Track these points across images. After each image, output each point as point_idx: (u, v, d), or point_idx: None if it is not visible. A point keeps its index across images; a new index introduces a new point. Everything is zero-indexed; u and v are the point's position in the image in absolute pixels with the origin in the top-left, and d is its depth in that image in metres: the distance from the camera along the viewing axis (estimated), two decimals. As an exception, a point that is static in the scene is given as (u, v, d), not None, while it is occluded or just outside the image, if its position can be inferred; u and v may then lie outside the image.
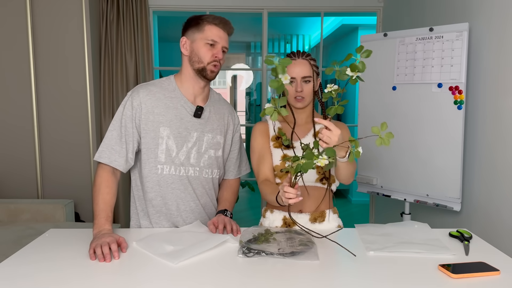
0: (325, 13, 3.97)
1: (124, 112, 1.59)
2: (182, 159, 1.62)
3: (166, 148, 1.60)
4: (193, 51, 1.60)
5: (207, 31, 1.57)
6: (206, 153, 1.67)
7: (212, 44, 1.58)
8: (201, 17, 1.60)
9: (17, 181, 3.43)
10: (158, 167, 1.61)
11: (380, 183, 2.77)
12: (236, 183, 1.85)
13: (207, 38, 1.57)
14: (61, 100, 3.42)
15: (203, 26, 1.58)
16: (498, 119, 2.13)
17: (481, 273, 1.19)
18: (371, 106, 2.78)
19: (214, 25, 1.58)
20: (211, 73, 1.60)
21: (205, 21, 1.58)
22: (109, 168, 1.58)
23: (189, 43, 1.60)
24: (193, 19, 1.61)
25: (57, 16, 3.36)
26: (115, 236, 1.38)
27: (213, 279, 1.16)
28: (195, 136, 1.63)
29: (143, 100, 1.58)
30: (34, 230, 2.81)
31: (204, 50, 1.58)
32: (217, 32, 1.58)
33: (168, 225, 1.66)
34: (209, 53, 1.58)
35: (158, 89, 1.62)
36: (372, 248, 1.38)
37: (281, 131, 1.68)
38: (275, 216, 1.68)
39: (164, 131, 1.59)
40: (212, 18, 1.59)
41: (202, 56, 1.58)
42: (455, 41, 2.32)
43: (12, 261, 1.27)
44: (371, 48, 2.77)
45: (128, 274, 1.20)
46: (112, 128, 1.60)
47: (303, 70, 1.61)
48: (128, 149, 1.59)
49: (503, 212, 2.08)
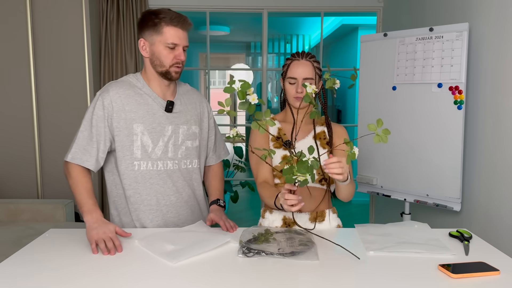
0: (325, 13, 3.97)
1: (95, 112, 1.57)
2: (159, 154, 1.62)
3: (142, 144, 1.60)
4: (153, 54, 1.57)
5: (166, 34, 1.53)
6: (183, 145, 1.67)
7: (172, 47, 1.55)
8: (158, 16, 1.54)
9: (17, 181, 3.43)
10: (134, 164, 1.60)
11: (380, 183, 2.77)
12: (220, 169, 1.87)
13: (167, 42, 1.54)
14: (61, 100, 3.42)
15: (161, 28, 1.53)
16: (498, 119, 2.13)
17: (481, 273, 1.19)
18: (371, 106, 2.78)
19: (173, 26, 1.53)
20: (175, 74, 1.59)
21: (163, 22, 1.53)
22: (81, 167, 1.59)
23: (148, 46, 1.57)
24: (149, 19, 1.55)
25: (57, 16, 3.36)
26: (111, 227, 1.42)
27: (213, 279, 1.16)
28: (170, 129, 1.64)
29: (113, 98, 1.57)
30: (34, 230, 2.81)
31: (165, 53, 1.55)
32: (176, 33, 1.54)
33: (149, 221, 1.65)
34: (170, 56, 1.56)
35: (127, 86, 1.61)
36: (372, 248, 1.38)
37: (282, 131, 1.69)
38: (275, 217, 1.68)
39: (137, 128, 1.59)
40: (169, 18, 1.53)
41: (163, 60, 1.56)
42: (455, 41, 2.32)
43: (12, 261, 1.27)
44: (371, 48, 2.78)
45: (127, 273, 1.20)
46: (83, 129, 1.58)
47: (305, 71, 1.61)
48: (99, 148, 1.58)
49: (503, 212, 2.08)
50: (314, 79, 1.63)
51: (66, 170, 1.60)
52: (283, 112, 1.77)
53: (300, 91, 1.61)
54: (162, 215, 1.66)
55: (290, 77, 1.63)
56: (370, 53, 2.78)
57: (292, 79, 1.63)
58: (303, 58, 1.63)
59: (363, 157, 2.84)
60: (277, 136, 1.69)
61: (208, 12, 3.84)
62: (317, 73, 1.65)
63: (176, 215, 1.69)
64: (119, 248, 1.35)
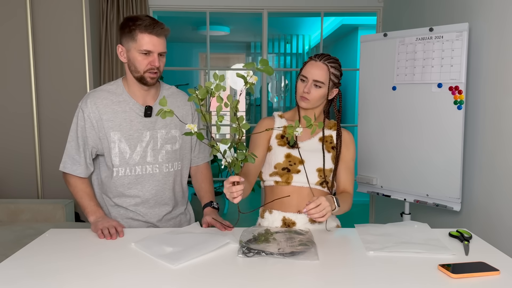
0: (325, 13, 3.97)
1: (78, 123, 1.65)
2: (137, 159, 1.66)
3: (119, 151, 1.64)
4: (129, 60, 1.60)
5: (140, 40, 1.55)
6: (163, 149, 1.70)
7: (146, 53, 1.56)
8: (135, 23, 1.56)
9: (17, 181, 3.43)
10: (113, 170, 1.66)
11: (380, 183, 2.77)
12: (208, 170, 1.89)
13: (141, 48, 1.56)
14: (61, 100, 3.42)
15: (136, 35, 1.55)
16: (498, 119, 2.13)
17: (481, 273, 1.19)
18: (371, 106, 2.78)
19: (147, 33, 1.55)
20: (150, 79, 1.61)
21: (137, 29, 1.55)
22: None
23: (125, 52, 1.60)
24: (125, 25, 1.58)
25: (57, 16, 3.36)
26: (113, 221, 1.56)
27: (213, 279, 1.16)
28: (148, 134, 1.67)
29: (91, 110, 1.63)
30: (34, 230, 2.81)
31: (139, 59, 1.57)
32: (150, 40, 1.55)
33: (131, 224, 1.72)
34: (144, 62, 1.57)
35: (105, 95, 1.65)
36: (372, 248, 1.38)
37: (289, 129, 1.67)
38: (275, 217, 1.67)
39: (115, 136, 1.63)
40: (144, 25, 1.55)
41: (137, 65, 1.58)
42: (455, 41, 2.32)
43: (12, 261, 1.27)
44: (371, 48, 2.77)
45: (128, 274, 1.20)
46: (70, 139, 1.68)
47: (316, 73, 1.58)
48: (86, 156, 1.67)
49: (503, 212, 2.08)
50: (325, 84, 1.60)
51: (64, 179, 1.73)
52: (292, 111, 1.74)
53: (306, 91, 1.59)
54: (142, 217, 1.72)
55: (302, 75, 1.62)
56: (370, 53, 2.78)
57: (303, 77, 1.61)
58: (321, 61, 1.60)
59: (363, 157, 2.84)
60: (282, 134, 1.68)
61: (208, 12, 3.84)
62: (331, 79, 1.60)
63: (155, 216, 1.73)
64: (121, 233, 1.50)
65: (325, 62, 1.60)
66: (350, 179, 1.70)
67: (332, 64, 1.61)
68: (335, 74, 1.62)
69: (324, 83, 1.59)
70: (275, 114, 1.73)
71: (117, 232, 1.50)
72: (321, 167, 1.63)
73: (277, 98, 8.29)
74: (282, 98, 8.18)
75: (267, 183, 1.69)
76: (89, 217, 1.62)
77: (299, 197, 1.64)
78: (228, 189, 1.36)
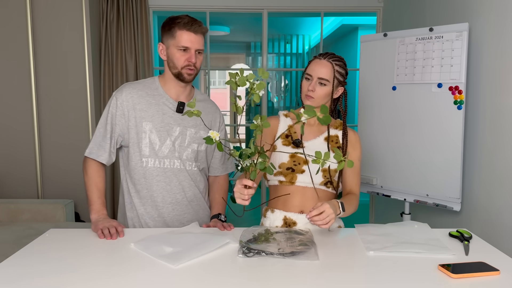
0: (325, 13, 3.97)
1: (110, 111, 1.70)
2: (166, 152, 1.70)
3: (149, 142, 1.68)
4: (169, 57, 1.67)
5: (178, 37, 1.63)
6: (189, 147, 1.73)
7: (184, 49, 1.63)
8: (174, 21, 1.64)
9: (17, 181, 3.43)
10: (143, 160, 1.70)
11: (380, 183, 2.77)
12: (225, 182, 1.91)
13: (179, 45, 1.63)
14: (61, 100, 3.42)
15: (175, 32, 1.63)
16: (498, 119, 2.13)
17: (481, 273, 1.19)
18: (371, 106, 2.78)
19: (185, 30, 1.62)
20: (187, 76, 1.67)
21: (176, 26, 1.63)
22: (97, 164, 1.72)
23: (165, 49, 1.68)
24: (166, 24, 1.66)
25: (57, 16, 3.36)
26: (113, 222, 1.56)
27: (213, 279, 1.16)
28: (178, 130, 1.71)
29: (125, 98, 1.68)
30: (34, 230, 2.81)
31: (177, 56, 1.64)
32: (188, 37, 1.62)
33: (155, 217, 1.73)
34: (182, 58, 1.64)
35: (141, 87, 1.72)
36: (372, 248, 1.38)
37: (293, 129, 1.68)
38: (276, 216, 1.67)
39: (146, 126, 1.68)
40: (183, 23, 1.62)
41: (176, 62, 1.65)
42: (455, 41, 2.32)
43: (12, 261, 1.27)
44: (371, 48, 2.78)
45: (127, 275, 1.20)
46: (100, 126, 1.72)
47: (321, 71, 1.59)
48: (112, 144, 1.71)
49: (503, 212, 2.08)
50: (330, 81, 1.59)
51: (83, 166, 1.74)
52: (298, 110, 1.73)
53: (311, 89, 1.58)
54: (167, 212, 1.74)
55: (306, 73, 1.62)
56: (370, 53, 2.78)
57: (308, 76, 1.61)
58: (326, 59, 1.60)
59: (363, 157, 2.84)
60: (286, 134, 1.67)
61: (208, 12, 3.84)
62: (336, 77, 1.60)
63: (181, 213, 1.75)
64: (121, 233, 1.51)
65: (329, 60, 1.60)
66: (356, 180, 1.70)
67: (337, 62, 1.61)
68: (340, 72, 1.62)
69: (329, 80, 1.59)
70: (281, 113, 1.74)
71: (117, 232, 1.51)
72: (326, 167, 1.63)
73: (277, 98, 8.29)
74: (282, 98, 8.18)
75: (271, 182, 1.69)
76: (91, 215, 1.64)
77: (303, 197, 1.64)
78: (240, 190, 1.36)
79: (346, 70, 1.65)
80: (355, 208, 1.64)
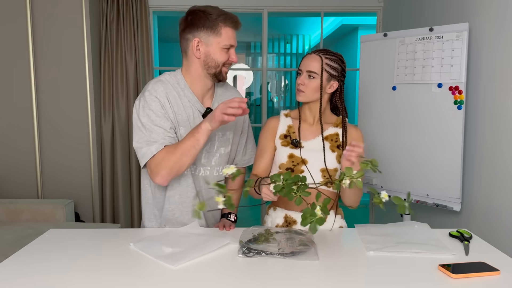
0: (325, 13, 3.97)
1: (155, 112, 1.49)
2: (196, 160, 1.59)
3: None
4: (209, 55, 1.52)
5: (224, 35, 1.50)
6: (218, 152, 1.65)
7: (228, 48, 1.53)
8: (212, 16, 1.50)
9: (17, 181, 3.43)
10: None
11: (380, 183, 2.77)
12: (242, 180, 1.80)
13: (225, 43, 1.51)
14: (61, 100, 3.42)
15: (219, 29, 1.50)
16: (498, 119, 2.13)
17: (481, 273, 1.19)
18: (371, 106, 2.78)
19: (230, 28, 1.52)
20: (226, 74, 1.57)
21: (220, 23, 1.50)
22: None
23: (204, 46, 1.52)
24: (203, 18, 1.50)
25: (57, 16, 3.35)
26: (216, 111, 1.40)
27: (213, 279, 1.16)
28: None
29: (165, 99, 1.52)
30: (34, 230, 2.81)
31: (221, 53, 1.52)
32: (233, 34, 1.53)
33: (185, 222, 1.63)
34: (225, 57, 1.53)
35: (171, 87, 1.55)
36: (372, 248, 1.38)
37: (292, 128, 1.68)
38: (277, 214, 1.69)
39: (182, 130, 1.55)
40: (224, 19, 1.51)
41: (218, 60, 1.52)
42: (455, 41, 2.32)
43: (12, 261, 1.27)
44: (371, 48, 2.78)
45: (127, 275, 1.19)
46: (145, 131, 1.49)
47: (310, 64, 1.60)
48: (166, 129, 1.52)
49: (503, 212, 2.08)
50: (318, 74, 1.59)
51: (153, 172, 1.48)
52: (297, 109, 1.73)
53: (300, 83, 1.60)
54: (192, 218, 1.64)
55: (298, 69, 1.65)
56: (370, 53, 2.78)
57: (299, 71, 1.64)
58: (315, 53, 1.62)
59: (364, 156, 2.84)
60: (285, 134, 1.67)
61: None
62: (326, 69, 1.60)
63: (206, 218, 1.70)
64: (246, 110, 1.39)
65: (319, 54, 1.61)
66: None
67: (328, 55, 1.61)
68: (331, 65, 1.61)
69: (317, 73, 1.59)
70: (282, 113, 1.74)
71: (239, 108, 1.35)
72: (324, 167, 1.62)
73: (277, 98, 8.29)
74: (282, 98, 8.19)
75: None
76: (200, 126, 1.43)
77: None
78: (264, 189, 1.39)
79: (342, 65, 1.63)
80: (360, 197, 1.64)
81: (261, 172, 1.68)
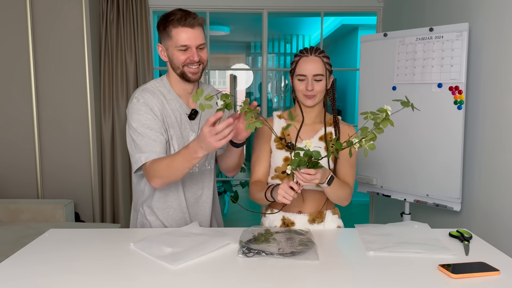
0: (325, 13, 3.97)
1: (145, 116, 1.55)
2: None
3: (173, 150, 1.62)
4: (171, 59, 1.57)
5: (175, 37, 1.51)
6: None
7: (184, 49, 1.52)
8: (167, 19, 1.52)
9: (17, 181, 3.43)
10: None
11: (380, 183, 2.77)
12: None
13: (177, 44, 1.52)
14: (61, 100, 3.42)
15: (170, 32, 1.52)
16: (498, 119, 2.13)
17: (481, 273, 1.19)
18: (371, 106, 2.78)
19: (181, 27, 1.50)
20: (192, 75, 1.56)
21: (171, 25, 1.51)
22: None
23: (165, 51, 1.58)
24: (160, 23, 1.55)
25: (57, 16, 3.35)
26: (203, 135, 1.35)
27: (213, 279, 1.16)
28: (193, 136, 1.65)
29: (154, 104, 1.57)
30: (34, 230, 2.81)
31: (177, 55, 1.53)
32: (185, 34, 1.51)
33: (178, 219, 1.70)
34: (183, 57, 1.53)
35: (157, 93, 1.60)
36: (372, 248, 1.38)
37: (287, 131, 1.66)
38: (275, 216, 1.67)
39: (171, 132, 1.61)
40: (176, 20, 1.50)
41: (176, 62, 1.55)
42: (455, 41, 2.32)
43: (12, 261, 1.27)
44: (371, 48, 2.78)
45: (127, 275, 1.20)
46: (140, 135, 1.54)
47: (315, 68, 1.57)
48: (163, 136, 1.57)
49: (503, 212, 2.08)
50: (324, 75, 1.58)
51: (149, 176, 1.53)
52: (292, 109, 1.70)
53: (310, 89, 1.56)
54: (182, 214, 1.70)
55: (299, 74, 1.58)
56: (370, 53, 2.78)
57: (302, 76, 1.58)
58: (312, 54, 1.59)
59: (363, 157, 2.84)
60: (280, 136, 1.65)
61: (208, 12, 3.84)
62: (327, 68, 1.60)
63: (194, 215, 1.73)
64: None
65: (317, 55, 1.59)
66: (350, 173, 1.65)
67: (322, 54, 1.61)
68: (328, 62, 1.62)
69: (323, 75, 1.58)
70: (274, 114, 1.71)
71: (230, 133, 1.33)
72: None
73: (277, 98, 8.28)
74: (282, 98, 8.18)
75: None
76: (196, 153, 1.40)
77: (300, 198, 1.63)
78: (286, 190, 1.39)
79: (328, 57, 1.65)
80: (345, 196, 1.58)
81: (262, 177, 1.66)
